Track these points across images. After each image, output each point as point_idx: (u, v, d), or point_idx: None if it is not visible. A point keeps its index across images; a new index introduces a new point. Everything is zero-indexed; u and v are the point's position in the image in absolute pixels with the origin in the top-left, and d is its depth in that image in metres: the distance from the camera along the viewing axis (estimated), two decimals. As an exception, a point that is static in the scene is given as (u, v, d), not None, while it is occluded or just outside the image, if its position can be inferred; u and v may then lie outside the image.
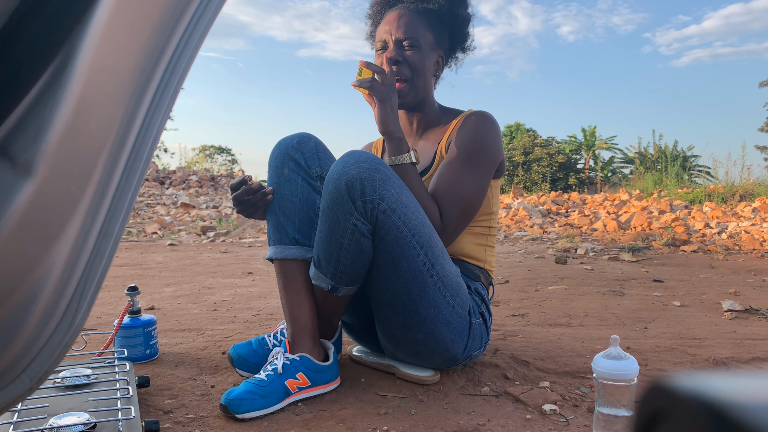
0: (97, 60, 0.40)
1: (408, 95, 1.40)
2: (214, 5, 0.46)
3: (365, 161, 1.16)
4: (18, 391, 0.44)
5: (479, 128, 1.36)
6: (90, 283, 0.45)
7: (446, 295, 1.23)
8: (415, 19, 1.39)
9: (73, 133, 0.40)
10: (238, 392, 1.16)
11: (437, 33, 1.41)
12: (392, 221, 1.16)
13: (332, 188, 1.16)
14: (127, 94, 0.42)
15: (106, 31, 0.39)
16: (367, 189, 1.14)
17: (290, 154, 1.29)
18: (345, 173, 1.15)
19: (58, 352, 0.45)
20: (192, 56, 0.46)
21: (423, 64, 1.39)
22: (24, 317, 0.42)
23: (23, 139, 0.39)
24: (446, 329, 1.25)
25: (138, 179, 0.46)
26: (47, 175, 0.39)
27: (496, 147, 1.37)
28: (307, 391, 1.25)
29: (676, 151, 17.09)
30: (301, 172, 1.29)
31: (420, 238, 1.19)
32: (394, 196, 1.16)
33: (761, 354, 1.56)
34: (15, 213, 0.39)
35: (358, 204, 1.14)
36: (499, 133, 1.39)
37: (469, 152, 1.33)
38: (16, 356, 0.43)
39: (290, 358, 1.25)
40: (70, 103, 0.39)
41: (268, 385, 1.19)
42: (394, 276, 1.20)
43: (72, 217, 0.42)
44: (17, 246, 0.40)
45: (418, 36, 1.38)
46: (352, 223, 1.15)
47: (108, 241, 0.45)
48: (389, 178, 1.17)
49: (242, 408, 1.14)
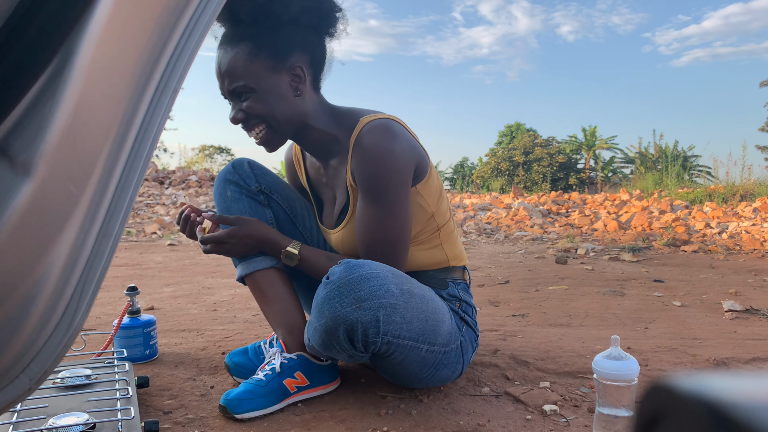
0: (96, 60, 0.40)
1: (273, 139, 1.22)
2: (213, 5, 0.46)
3: (367, 297, 1.05)
4: (17, 391, 0.44)
5: (369, 161, 1.17)
6: (89, 283, 0.45)
7: (438, 350, 1.20)
8: (234, 57, 1.15)
9: (73, 133, 0.40)
10: (237, 392, 1.15)
11: (271, 51, 1.16)
12: (396, 344, 1.11)
13: (328, 324, 1.07)
14: (126, 94, 0.42)
15: (105, 31, 0.39)
16: (370, 333, 1.06)
17: (228, 178, 1.33)
18: (343, 317, 1.05)
19: (58, 353, 0.45)
20: (191, 56, 0.46)
21: (267, 105, 1.17)
22: (23, 318, 0.42)
23: (22, 139, 0.39)
24: (445, 371, 1.25)
25: (137, 179, 0.46)
26: (46, 175, 0.39)
27: (397, 170, 1.18)
28: (307, 392, 1.24)
29: (677, 151, 17.09)
30: (243, 191, 1.33)
31: (422, 337, 1.15)
32: (399, 322, 1.09)
33: (762, 354, 1.56)
34: (14, 213, 0.39)
35: (358, 345, 1.08)
36: (404, 147, 1.18)
37: (372, 193, 1.18)
38: (15, 357, 0.43)
39: (288, 357, 1.25)
40: (69, 103, 0.39)
41: (267, 384, 1.18)
42: (396, 369, 1.19)
43: (71, 217, 0.42)
44: (16, 246, 0.40)
45: (244, 77, 1.15)
46: (349, 354, 1.11)
47: (107, 240, 0.45)
48: (396, 305, 1.08)
49: (241, 408, 1.14)
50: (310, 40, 1.21)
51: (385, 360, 1.15)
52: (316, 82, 1.26)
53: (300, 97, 1.21)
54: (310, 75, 1.23)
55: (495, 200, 8.48)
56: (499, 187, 17.13)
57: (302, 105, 1.22)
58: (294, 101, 1.20)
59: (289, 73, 1.19)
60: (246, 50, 1.15)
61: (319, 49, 1.23)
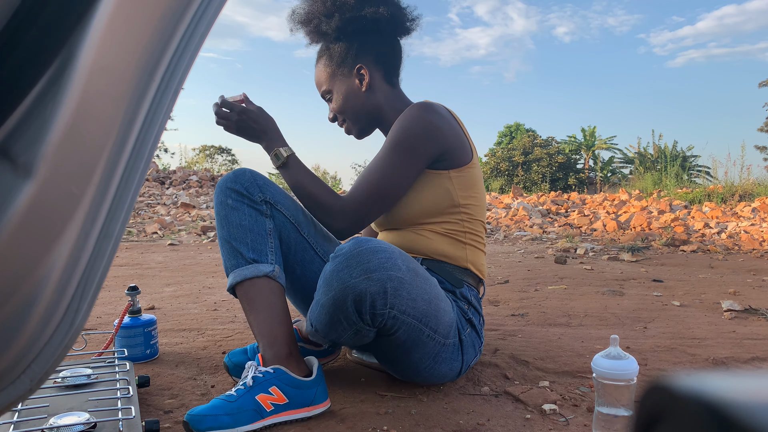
0: (97, 61, 0.39)
1: (354, 130, 1.46)
2: (214, 5, 0.46)
3: (376, 268, 1.07)
4: (18, 392, 0.44)
5: (403, 117, 1.31)
6: (90, 284, 0.45)
7: (439, 340, 1.21)
8: (319, 66, 1.44)
9: (74, 134, 0.40)
10: (202, 408, 1.07)
11: (340, 56, 1.40)
12: (402, 320, 1.12)
13: (337, 296, 1.08)
14: (127, 95, 0.42)
15: (106, 31, 0.39)
16: (378, 304, 1.08)
17: (229, 186, 1.29)
18: (352, 287, 1.07)
19: (59, 353, 0.45)
20: (192, 56, 0.46)
21: (342, 104, 1.42)
22: (24, 318, 0.41)
23: (24, 141, 0.39)
24: (443, 366, 1.26)
25: (139, 179, 0.46)
26: (47, 176, 0.39)
27: (423, 135, 1.29)
28: (285, 414, 1.12)
29: (676, 151, 17.08)
30: (244, 200, 1.28)
31: (425, 319, 1.16)
32: (405, 298, 1.10)
33: (761, 354, 1.56)
34: (16, 214, 0.39)
35: (366, 317, 1.09)
36: (432, 121, 1.30)
37: (390, 141, 1.30)
38: (16, 357, 0.43)
39: (262, 370, 1.14)
40: (71, 104, 0.39)
41: (237, 400, 1.08)
42: (398, 352, 1.20)
43: (72, 218, 0.42)
44: (18, 247, 0.40)
45: (326, 83, 1.43)
46: (356, 329, 1.12)
47: (108, 241, 0.45)
48: (403, 279, 1.10)
49: (203, 425, 1.03)
50: (370, 43, 1.39)
51: (389, 339, 1.15)
52: (390, 77, 1.43)
53: (369, 92, 1.41)
54: (380, 71, 1.42)
55: (494, 200, 8.48)
56: (499, 187, 17.14)
57: (372, 99, 1.41)
58: (364, 96, 1.41)
59: (356, 74, 1.40)
60: (323, 63, 1.43)
61: (383, 48, 1.41)
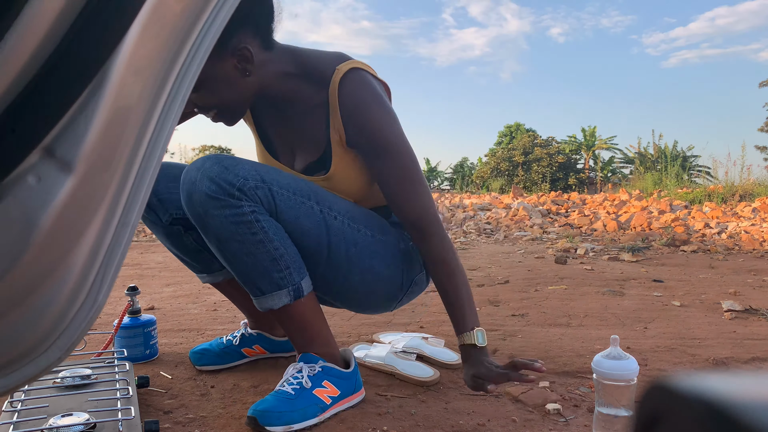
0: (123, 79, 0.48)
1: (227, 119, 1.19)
2: (219, 21, 0.54)
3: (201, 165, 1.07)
4: (48, 361, 0.52)
5: (373, 121, 1.15)
6: (110, 268, 0.53)
7: (359, 229, 1.18)
8: None
9: (105, 136, 0.48)
10: (266, 405, 1.09)
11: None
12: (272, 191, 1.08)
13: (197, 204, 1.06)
14: (144, 106, 0.50)
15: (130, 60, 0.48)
16: (230, 177, 1.05)
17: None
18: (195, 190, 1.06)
19: (83, 327, 0.53)
20: (197, 70, 0.54)
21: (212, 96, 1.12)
22: (56, 297, 0.50)
23: (68, 142, 0.47)
24: (377, 261, 1.21)
25: (151, 175, 0.53)
26: (84, 172, 0.47)
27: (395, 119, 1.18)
28: (339, 404, 1.17)
29: (676, 151, 17.08)
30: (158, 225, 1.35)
31: (304, 193, 1.13)
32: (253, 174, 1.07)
33: (761, 354, 1.56)
34: (58, 204, 0.46)
35: (234, 193, 1.05)
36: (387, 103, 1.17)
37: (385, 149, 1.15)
38: (47, 331, 0.51)
39: (312, 367, 1.17)
40: (104, 113, 0.47)
41: (297, 397, 1.11)
42: (306, 236, 1.13)
43: (99, 209, 0.50)
44: (57, 234, 0.47)
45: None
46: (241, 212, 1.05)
47: (126, 229, 0.53)
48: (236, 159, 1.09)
49: (278, 420, 1.07)
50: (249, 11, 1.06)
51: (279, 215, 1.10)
52: (267, 42, 1.12)
53: (247, 74, 1.10)
54: (258, 41, 1.10)
55: (495, 200, 8.48)
56: (499, 187, 17.13)
57: (254, 82, 1.13)
58: (243, 82, 1.11)
59: (233, 57, 1.07)
60: None
61: (261, 10, 1.10)
